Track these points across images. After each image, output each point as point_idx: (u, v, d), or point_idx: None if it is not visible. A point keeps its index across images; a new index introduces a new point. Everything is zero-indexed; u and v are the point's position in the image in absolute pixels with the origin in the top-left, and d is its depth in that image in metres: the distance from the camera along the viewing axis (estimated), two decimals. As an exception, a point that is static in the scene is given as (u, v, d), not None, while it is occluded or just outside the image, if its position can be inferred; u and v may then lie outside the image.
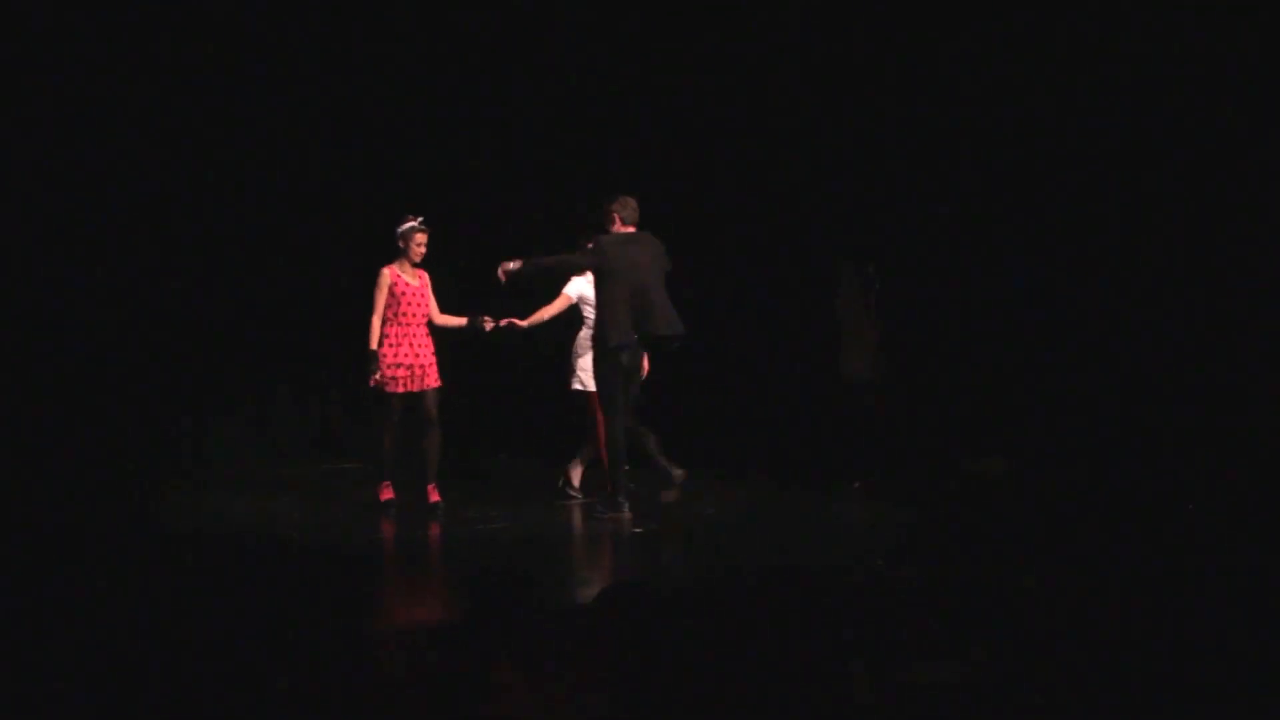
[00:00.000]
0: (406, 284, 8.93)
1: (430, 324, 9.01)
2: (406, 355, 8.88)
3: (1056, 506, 8.71)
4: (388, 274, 8.89)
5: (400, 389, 8.88)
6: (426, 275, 9.02)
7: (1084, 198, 9.92)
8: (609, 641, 4.71)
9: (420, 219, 8.92)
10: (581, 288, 9.15)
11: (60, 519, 8.77)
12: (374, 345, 8.87)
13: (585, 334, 9.11)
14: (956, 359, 10.34)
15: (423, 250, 8.94)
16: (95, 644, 5.54)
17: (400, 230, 8.90)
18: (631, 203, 8.72)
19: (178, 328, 10.46)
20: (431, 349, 9.00)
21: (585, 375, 9.08)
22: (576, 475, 9.43)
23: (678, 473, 8.62)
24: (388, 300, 8.87)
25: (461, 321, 9.07)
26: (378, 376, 8.84)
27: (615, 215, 8.69)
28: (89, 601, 6.63)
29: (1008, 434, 9.98)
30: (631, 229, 8.71)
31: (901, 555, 7.53)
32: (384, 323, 8.85)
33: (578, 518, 9.03)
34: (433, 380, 8.95)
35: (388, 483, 9.05)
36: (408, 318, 8.90)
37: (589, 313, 9.02)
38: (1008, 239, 10.21)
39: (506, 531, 8.63)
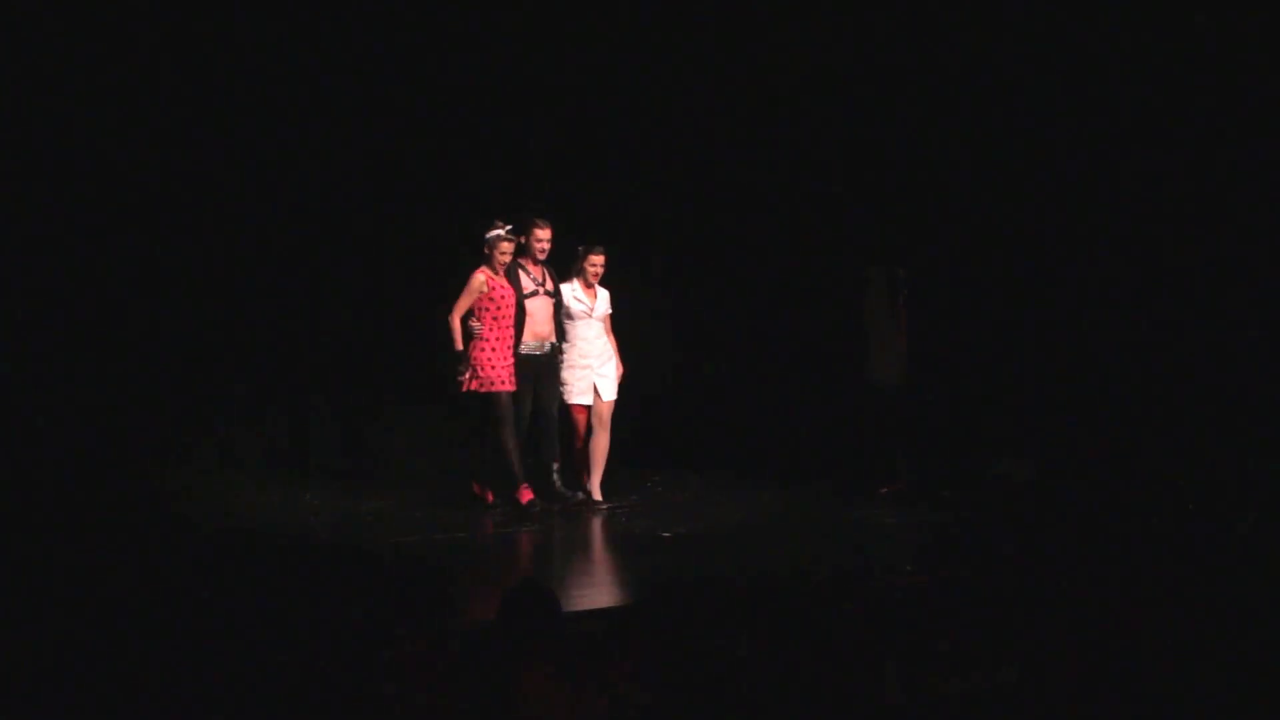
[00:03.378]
0: (503, 285, 9.03)
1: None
2: (501, 355, 8.98)
3: (1086, 511, 8.67)
4: (481, 276, 8.97)
5: (502, 387, 8.97)
6: (505, 277, 9.12)
7: (1115, 200, 9.87)
8: (640, 644, 4.71)
9: (509, 227, 9.01)
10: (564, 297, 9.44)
11: (86, 514, 8.79)
12: (459, 346, 8.96)
13: (564, 346, 9.44)
14: (985, 363, 10.30)
15: (507, 259, 9.03)
16: (117, 638, 5.55)
17: (489, 236, 8.99)
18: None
19: (209, 324, 10.47)
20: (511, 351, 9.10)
21: (563, 388, 9.37)
22: (595, 485, 9.46)
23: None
24: (484, 303, 8.95)
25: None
26: (467, 376, 8.92)
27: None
28: (113, 595, 6.65)
29: (1037, 438, 9.93)
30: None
31: (930, 561, 7.50)
32: (475, 324, 8.93)
33: (605, 522, 9.02)
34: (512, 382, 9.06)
35: (525, 484, 9.07)
36: (500, 319, 9.00)
37: (566, 324, 9.39)
38: (1038, 243, 10.17)
39: (534, 535, 8.63)
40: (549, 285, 9.28)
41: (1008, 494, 9.35)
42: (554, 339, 9.29)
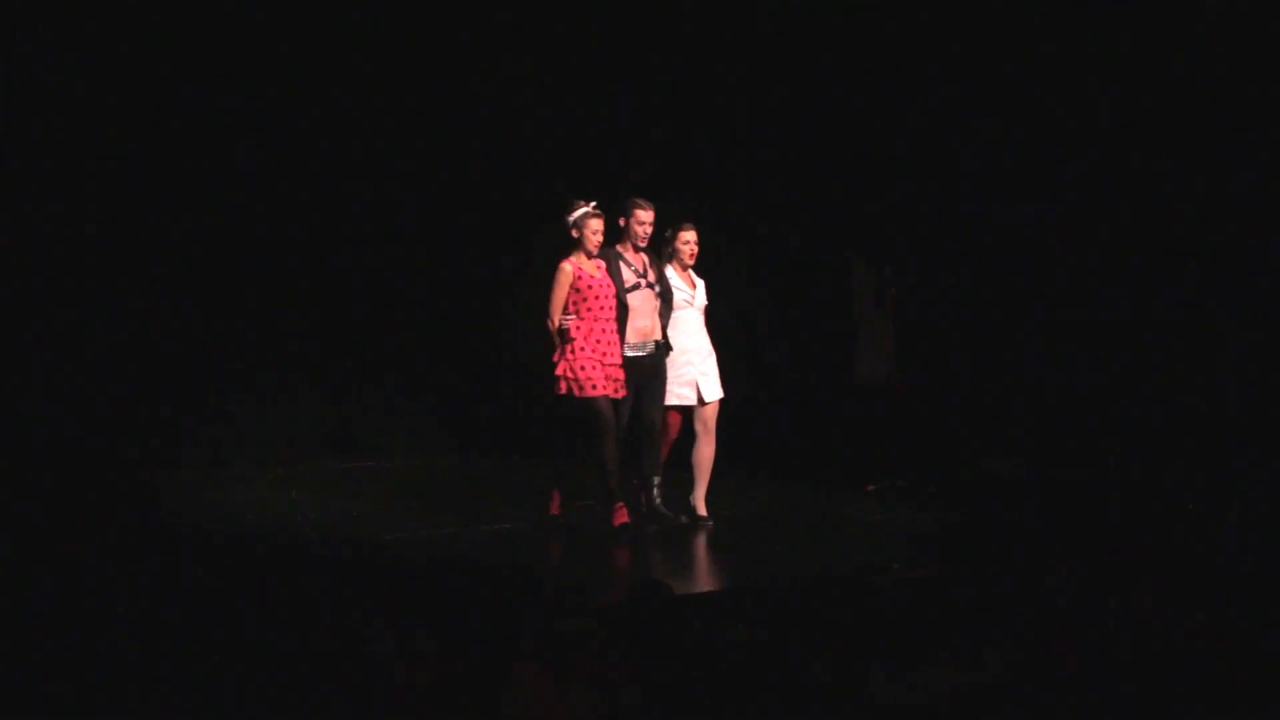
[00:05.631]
0: (591, 276, 8.09)
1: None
2: (598, 353, 8.04)
3: (1075, 507, 8.70)
4: (569, 269, 8.05)
5: (601, 391, 8.01)
6: (604, 264, 8.22)
7: (1102, 194, 9.89)
8: (629, 642, 4.71)
9: (594, 203, 8.14)
10: None
11: (69, 514, 8.77)
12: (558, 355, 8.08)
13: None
14: (973, 360, 10.31)
15: (599, 238, 8.10)
16: (103, 642, 5.54)
17: (573, 218, 8.09)
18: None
19: (193, 320, 10.45)
20: (619, 352, 8.15)
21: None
22: (700, 499, 8.66)
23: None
24: (573, 297, 8.03)
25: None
26: (562, 378, 8.03)
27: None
28: (98, 598, 6.63)
29: (1024, 435, 9.95)
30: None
31: (917, 558, 7.52)
32: (567, 320, 8.06)
33: (594, 519, 9.00)
34: (618, 388, 8.13)
35: (620, 504, 8.19)
36: (595, 313, 8.05)
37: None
38: (1026, 238, 10.19)
39: (524, 531, 8.62)
40: (650, 276, 8.36)
41: (995, 491, 9.37)
42: (659, 336, 8.33)
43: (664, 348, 8.36)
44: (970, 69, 10.27)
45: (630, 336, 8.20)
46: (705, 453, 8.56)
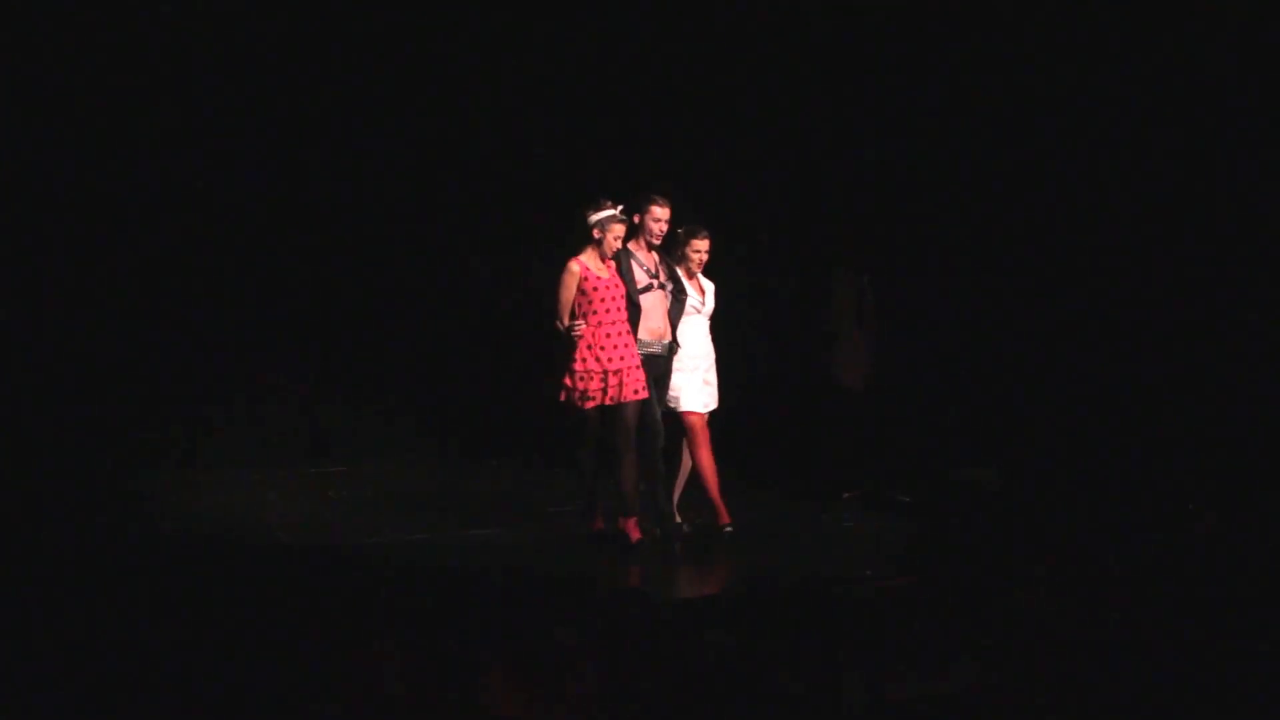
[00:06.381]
0: (598, 278, 7.85)
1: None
2: (600, 361, 7.83)
3: (1049, 517, 8.72)
4: (576, 268, 7.82)
5: (593, 403, 7.86)
6: (614, 265, 7.99)
7: (1078, 206, 9.93)
8: (606, 648, 4.72)
9: (621, 207, 7.90)
10: None
11: (47, 520, 8.73)
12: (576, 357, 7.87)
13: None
14: (950, 368, 10.34)
15: (619, 244, 7.92)
16: (83, 646, 5.53)
17: (596, 219, 7.83)
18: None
19: (170, 324, 10.43)
20: (635, 352, 7.96)
21: (673, 393, 8.32)
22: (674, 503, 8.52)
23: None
24: (577, 299, 7.82)
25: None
26: (566, 385, 7.88)
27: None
28: (74, 601, 6.61)
29: (1001, 444, 9.98)
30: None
31: (892, 566, 7.53)
32: (576, 324, 7.82)
33: (572, 526, 9.00)
34: (630, 391, 7.90)
35: (599, 512, 8.17)
36: (601, 315, 7.83)
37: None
38: (1002, 247, 10.22)
39: (500, 538, 8.62)
40: (662, 275, 8.19)
41: (971, 499, 9.38)
42: (670, 337, 8.16)
43: (673, 348, 8.21)
44: (955, 80, 10.31)
45: (642, 335, 8.04)
46: (687, 463, 8.52)
